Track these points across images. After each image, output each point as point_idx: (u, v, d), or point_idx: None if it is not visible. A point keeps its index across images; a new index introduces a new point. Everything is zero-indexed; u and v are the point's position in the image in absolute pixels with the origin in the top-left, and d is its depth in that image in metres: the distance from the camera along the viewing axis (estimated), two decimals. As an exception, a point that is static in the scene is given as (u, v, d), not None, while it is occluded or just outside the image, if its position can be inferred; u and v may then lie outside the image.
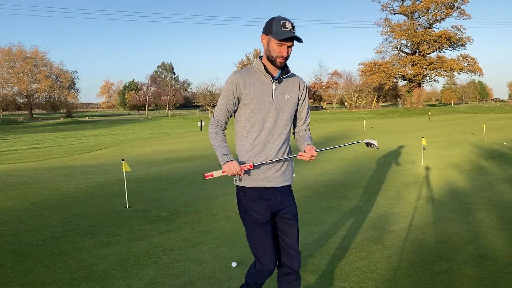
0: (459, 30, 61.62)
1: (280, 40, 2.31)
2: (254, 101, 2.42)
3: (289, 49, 2.36)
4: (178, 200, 6.58)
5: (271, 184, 2.47)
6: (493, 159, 10.06)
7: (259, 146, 2.45)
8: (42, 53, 72.89)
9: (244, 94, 2.42)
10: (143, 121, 52.83)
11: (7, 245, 4.61)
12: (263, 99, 2.42)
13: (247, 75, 2.44)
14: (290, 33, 2.30)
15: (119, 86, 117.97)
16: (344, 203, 6.05)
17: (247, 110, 2.44)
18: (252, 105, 2.42)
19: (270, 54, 2.38)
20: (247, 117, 2.45)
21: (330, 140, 17.45)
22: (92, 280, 3.57)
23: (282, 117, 2.47)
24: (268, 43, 2.38)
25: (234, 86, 2.42)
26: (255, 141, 2.45)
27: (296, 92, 2.54)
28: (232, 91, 2.43)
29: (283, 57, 2.36)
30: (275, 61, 2.38)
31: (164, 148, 16.46)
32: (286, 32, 2.30)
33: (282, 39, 2.29)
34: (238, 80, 2.42)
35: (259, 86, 2.44)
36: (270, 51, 2.37)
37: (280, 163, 2.50)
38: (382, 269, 3.64)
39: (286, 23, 2.31)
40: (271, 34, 2.34)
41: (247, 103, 2.43)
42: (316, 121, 40.24)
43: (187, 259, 4.02)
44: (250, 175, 2.45)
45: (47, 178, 9.20)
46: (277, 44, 2.33)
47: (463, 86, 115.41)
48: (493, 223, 4.90)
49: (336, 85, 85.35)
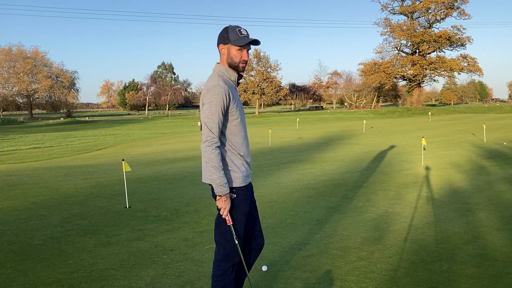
0: (459, 30, 61.66)
1: (241, 46, 2.45)
2: (239, 108, 2.53)
3: (248, 53, 2.54)
4: (178, 200, 6.58)
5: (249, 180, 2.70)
6: (493, 159, 10.06)
7: (247, 152, 2.62)
8: (42, 53, 72.88)
9: (231, 103, 2.48)
10: (143, 121, 52.83)
11: (7, 245, 4.61)
12: (241, 104, 2.61)
13: (226, 84, 2.48)
14: (248, 38, 2.46)
15: (119, 86, 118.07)
16: (344, 203, 6.05)
17: (234, 118, 2.50)
18: (238, 112, 2.51)
19: (232, 60, 2.51)
20: (235, 124, 2.51)
21: (330, 140, 17.45)
22: (92, 280, 3.57)
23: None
24: (228, 51, 2.50)
25: (226, 96, 2.43)
26: (246, 149, 2.60)
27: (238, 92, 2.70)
28: (225, 101, 2.44)
29: (245, 62, 2.51)
30: (238, 66, 2.51)
31: (164, 148, 16.46)
32: (244, 38, 2.46)
33: (243, 44, 2.44)
34: (227, 90, 2.45)
35: (235, 92, 2.55)
36: (232, 58, 2.50)
37: None
38: (382, 269, 3.64)
39: (241, 30, 2.47)
40: (230, 43, 2.47)
41: (233, 111, 2.49)
42: (316, 121, 40.24)
43: (187, 259, 4.02)
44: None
45: (47, 178, 9.20)
46: (238, 51, 2.48)
47: (463, 86, 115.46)
48: (493, 223, 4.90)
49: (336, 85, 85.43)
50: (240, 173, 2.55)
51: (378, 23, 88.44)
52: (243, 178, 2.57)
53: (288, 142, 17.08)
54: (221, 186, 2.43)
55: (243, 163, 2.58)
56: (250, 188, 2.69)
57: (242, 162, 2.57)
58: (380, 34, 73.53)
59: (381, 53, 67.87)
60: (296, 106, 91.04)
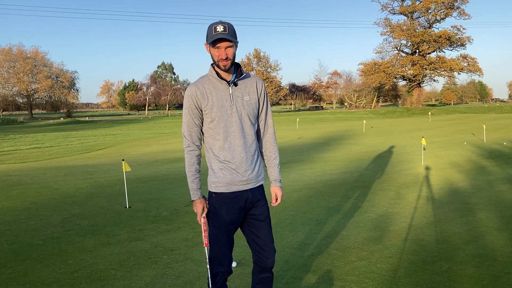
0: (459, 30, 61.64)
1: (213, 44, 2.36)
2: (214, 109, 2.41)
3: (228, 50, 2.36)
4: (178, 200, 6.58)
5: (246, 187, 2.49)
6: (493, 159, 10.06)
7: (230, 157, 2.43)
8: (42, 53, 72.88)
9: (203, 104, 2.42)
10: (143, 121, 52.82)
11: (7, 245, 4.61)
12: (222, 105, 2.42)
13: (201, 85, 2.44)
14: (219, 35, 2.32)
15: (119, 86, 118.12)
16: (344, 203, 6.05)
17: (208, 119, 2.44)
18: (213, 113, 2.41)
19: (213, 60, 2.43)
20: (211, 126, 2.44)
21: (330, 140, 17.45)
22: (92, 280, 3.57)
23: (245, 119, 2.47)
24: (209, 50, 2.43)
25: (193, 98, 2.42)
26: (223, 148, 2.43)
27: (254, 92, 2.53)
28: (194, 103, 2.42)
29: (223, 59, 2.38)
30: (219, 65, 2.41)
31: (164, 148, 16.46)
32: (216, 34, 2.34)
33: (211, 41, 2.35)
34: (194, 91, 2.42)
35: (216, 93, 2.43)
36: (212, 57, 2.43)
37: (253, 165, 2.50)
38: (382, 269, 3.64)
39: (217, 27, 2.35)
40: (206, 42, 2.41)
41: (207, 112, 2.42)
42: (316, 121, 40.23)
43: (187, 259, 4.02)
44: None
45: (47, 178, 9.20)
46: (215, 49, 2.37)
47: (463, 86, 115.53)
48: (493, 223, 4.90)
49: (336, 85, 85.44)
50: (216, 178, 2.43)
51: (378, 23, 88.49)
52: (221, 184, 2.42)
53: (288, 142, 17.08)
54: (191, 191, 2.46)
55: (223, 168, 2.42)
56: (237, 197, 2.45)
57: (223, 167, 2.42)
58: (380, 34, 73.58)
59: (381, 53, 67.92)
60: (296, 106, 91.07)
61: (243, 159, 2.44)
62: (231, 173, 2.42)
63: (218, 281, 2.48)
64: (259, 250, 2.53)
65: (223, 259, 2.48)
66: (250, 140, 2.49)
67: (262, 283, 2.60)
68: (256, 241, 2.53)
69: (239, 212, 2.47)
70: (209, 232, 2.48)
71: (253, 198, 2.49)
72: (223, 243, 2.46)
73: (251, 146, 2.49)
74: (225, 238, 2.47)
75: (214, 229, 2.47)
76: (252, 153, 2.49)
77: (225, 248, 2.47)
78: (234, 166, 2.42)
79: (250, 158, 2.48)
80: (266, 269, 2.55)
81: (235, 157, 2.43)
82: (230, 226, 2.47)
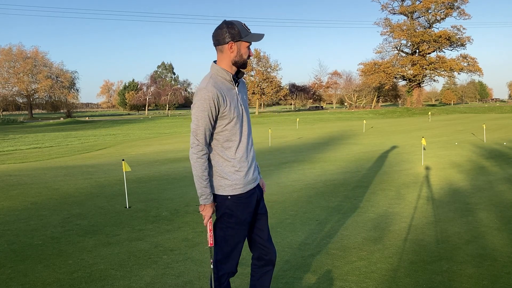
0: (459, 30, 61.62)
1: (248, 41, 2.35)
2: (232, 109, 2.34)
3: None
4: (178, 200, 6.58)
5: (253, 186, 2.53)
6: (493, 159, 10.06)
7: (244, 156, 2.42)
8: (42, 53, 72.85)
9: (222, 106, 2.31)
10: (143, 121, 52.81)
11: (7, 245, 4.61)
12: (236, 105, 2.38)
13: (218, 86, 2.33)
14: (258, 34, 2.35)
15: (119, 86, 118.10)
16: (344, 203, 6.05)
17: (226, 121, 2.34)
18: (231, 114, 2.34)
19: (241, 58, 2.36)
20: (227, 128, 2.36)
21: (330, 140, 17.45)
22: (92, 280, 3.57)
23: (248, 117, 2.50)
24: (238, 48, 2.34)
25: (214, 100, 2.27)
26: (239, 148, 2.41)
27: (246, 91, 2.58)
28: (215, 106, 2.29)
29: (249, 57, 2.41)
30: (245, 63, 2.39)
31: (164, 148, 16.46)
32: (254, 34, 2.34)
33: (258, 41, 2.35)
34: (216, 93, 2.28)
35: (228, 93, 2.37)
36: (242, 55, 2.36)
37: (255, 162, 2.59)
38: (382, 269, 3.64)
39: (245, 25, 2.35)
40: (242, 39, 2.32)
41: (226, 113, 2.32)
42: (316, 121, 40.23)
43: (187, 259, 4.02)
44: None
45: (47, 178, 9.20)
46: (247, 47, 2.37)
47: (463, 86, 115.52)
48: (493, 223, 4.90)
49: (336, 85, 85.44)
50: (232, 181, 2.39)
51: (378, 23, 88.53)
52: (239, 186, 2.41)
53: (288, 142, 17.08)
54: (202, 196, 2.35)
55: (237, 171, 2.40)
56: (251, 195, 2.47)
57: (237, 170, 2.40)
58: (380, 34, 73.60)
59: (381, 53, 67.89)
60: (296, 106, 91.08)
61: (253, 157, 2.52)
62: (245, 173, 2.44)
63: (223, 281, 2.49)
64: (263, 244, 2.59)
65: (234, 260, 2.49)
66: (252, 140, 2.56)
67: (265, 275, 2.65)
68: (260, 235, 2.60)
69: (253, 209, 2.52)
70: (220, 234, 2.45)
71: (259, 194, 2.58)
72: (236, 243, 2.47)
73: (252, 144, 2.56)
74: (240, 238, 2.48)
75: (227, 230, 2.43)
76: (253, 151, 2.58)
77: (238, 248, 2.49)
78: (248, 165, 2.45)
79: (254, 155, 2.57)
80: (271, 262, 2.63)
81: (248, 156, 2.47)
82: (246, 225, 2.49)
